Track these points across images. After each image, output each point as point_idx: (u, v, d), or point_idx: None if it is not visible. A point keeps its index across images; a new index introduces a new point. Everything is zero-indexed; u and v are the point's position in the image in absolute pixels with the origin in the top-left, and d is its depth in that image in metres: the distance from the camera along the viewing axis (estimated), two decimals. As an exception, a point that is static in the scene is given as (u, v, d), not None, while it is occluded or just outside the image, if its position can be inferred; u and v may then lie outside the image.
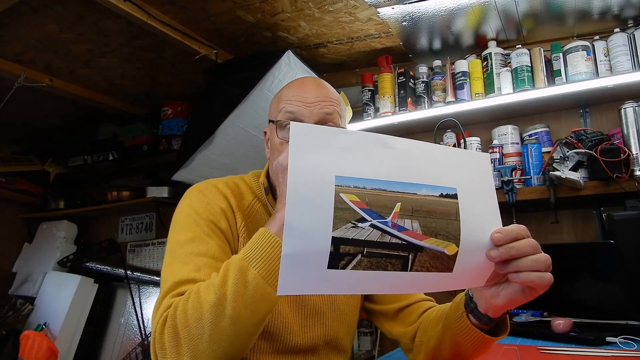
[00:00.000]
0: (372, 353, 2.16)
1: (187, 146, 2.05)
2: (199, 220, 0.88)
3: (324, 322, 0.97)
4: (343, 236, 0.55)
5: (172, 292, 0.77)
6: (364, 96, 2.16)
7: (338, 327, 1.00)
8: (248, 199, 0.97)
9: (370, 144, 0.59)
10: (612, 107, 1.82)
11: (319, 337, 0.96)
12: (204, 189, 0.95)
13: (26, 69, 2.08)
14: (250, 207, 0.96)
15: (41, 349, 2.26)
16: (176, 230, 0.89)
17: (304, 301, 0.96)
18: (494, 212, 0.65)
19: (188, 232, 0.86)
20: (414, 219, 0.59)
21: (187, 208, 0.92)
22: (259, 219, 0.95)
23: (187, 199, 0.94)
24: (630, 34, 1.74)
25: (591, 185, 1.69)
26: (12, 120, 2.70)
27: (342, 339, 1.02)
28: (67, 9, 1.69)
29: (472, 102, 1.95)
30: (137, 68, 2.24)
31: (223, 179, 0.99)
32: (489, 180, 0.67)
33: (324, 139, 0.57)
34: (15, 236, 3.02)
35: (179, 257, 0.83)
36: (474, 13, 1.79)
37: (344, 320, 1.01)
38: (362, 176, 0.57)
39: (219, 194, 0.93)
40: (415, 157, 0.61)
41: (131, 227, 3.00)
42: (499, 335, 0.80)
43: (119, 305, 2.74)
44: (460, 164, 0.65)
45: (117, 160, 2.75)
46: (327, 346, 0.98)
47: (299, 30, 1.96)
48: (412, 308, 1.03)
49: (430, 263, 0.59)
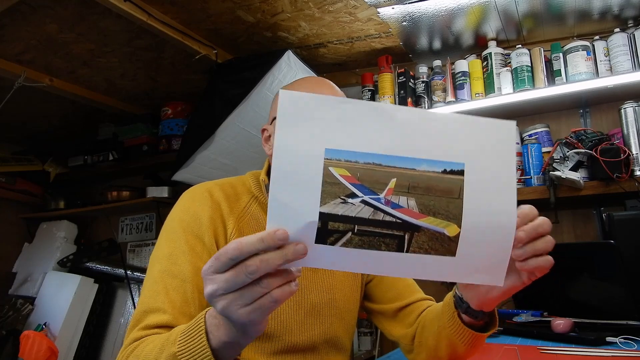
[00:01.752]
0: (372, 353, 2.16)
1: (187, 146, 2.05)
2: (180, 234, 0.87)
3: (323, 321, 0.97)
4: (331, 212, 0.52)
5: (139, 325, 0.77)
6: (364, 96, 2.16)
7: (337, 326, 1.00)
8: (244, 200, 0.96)
9: (367, 114, 0.54)
10: (612, 107, 1.82)
11: (318, 336, 0.96)
12: (195, 196, 0.93)
13: (26, 69, 2.08)
14: (245, 209, 0.95)
15: (41, 349, 2.26)
16: (160, 242, 0.89)
17: (303, 300, 0.95)
18: (509, 191, 0.57)
19: (167, 248, 0.86)
20: (410, 196, 0.54)
21: (173, 220, 0.91)
22: (255, 220, 0.95)
23: (178, 206, 0.93)
24: (630, 34, 1.74)
25: (591, 185, 1.69)
26: (12, 120, 2.70)
27: (342, 337, 1.01)
28: (67, 9, 1.69)
29: (472, 102, 1.95)
30: (137, 68, 2.24)
31: (219, 182, 0.97)
32: (508, 155, 0.58)
33: (315, 109, 0.53)
34: (15, 236, 3.02)
35: (154, 275, 0.84)
36: (474, 13, 1.79)
37: (343, 318, 1.01)
38: (355, 149, 0.53)
39: (210, 202, 0.91)
40: (419, 129, 0.55)
41: (131, 227, 3.00)
42: (490, 329, 0.79)
43: (119, 305, 2.74)
44: (476, 134, 0.57)
45: (117, 160, 2.75)
46: (326, 344, 0.98)
47: (299, 30, 1.96)
48: (411, 308, 1.03)
49: (429, 245, 0.55)
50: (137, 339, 0.74)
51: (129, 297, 2.63)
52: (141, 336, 0.74)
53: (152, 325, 0.76)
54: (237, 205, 0.94)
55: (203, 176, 2.05)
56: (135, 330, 0.77)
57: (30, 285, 2.76)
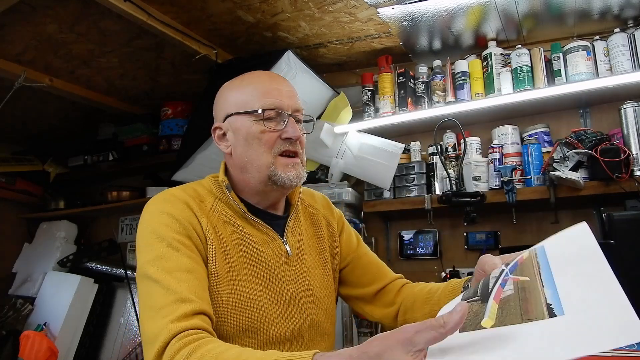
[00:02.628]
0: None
1: (187, 146, 2.05)
2: (164, 234, 0.87)
3: (303, 308, 0.99)
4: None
5: (175, 315, 0.75)
6: (364, 96, 2.16)
7: (317, 312, 1.02)
8: (208, 200, 0.97)
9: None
10: (612, 107, 1.82)
11: (300, 323, 0.98)
12: (163, 201, 0.94)
13: (26, 69, 2.08)
14: (212, 209, 0.96)
15: (41, 349, 2.26)
16: (142, 249, 0.88)
17: (281, 290, 0.97)
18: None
19: (153, 251, 0.86)
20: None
21: (149, 225, 0.90)
22: (224, 217, 0.96)
23: (149, 213, 0.93)
24: (630, 34, 1.74)
25: (591, 185, 1.69)
26: (12, 120, 2.70)
27: (323, 323, 1.04)
28: (67, 9, 1.69)
29: (472, 102, 1.95)
30: (137, 68, 2.23)
31: (180, 187, 0.99)
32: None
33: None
34: (15, 236, 3.02)
35: (154, 276, 0.82)
36: (474, 13, 1.79)
37: (321, 304, 1.03)
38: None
39: (180, 203, 0.93)
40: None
41: (131, 227, 3.00)
42: None
43: (119, 305, 2.74)
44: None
45: (117, 160, 2.76)
46: (309, 331, 1.00)
47: (299, 30, 1.96)
48: (387, 288, 1.11)
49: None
50: (181, 330, 0.74)
51: (129, 297, 2.63)
52: (185, 327, 0.74)
53: (189, 314, 0.76)
54: (204, 206, 0.96)
55: (203, 176, 2.04)
56: (174, 322, 0.75)
57: (30, 285, 2.77)
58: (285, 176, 0.95)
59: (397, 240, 2.25)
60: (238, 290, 0.92)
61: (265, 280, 0.96)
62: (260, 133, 0.95)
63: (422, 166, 2.07)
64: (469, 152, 1.99)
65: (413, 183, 2.06)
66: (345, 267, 1.15)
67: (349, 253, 1.15)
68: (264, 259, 0.97)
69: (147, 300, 0.82)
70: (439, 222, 2.18)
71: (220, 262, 0.91)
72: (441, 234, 2.19)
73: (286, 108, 0.97)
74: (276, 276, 0.97)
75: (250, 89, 0.99)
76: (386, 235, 2.31)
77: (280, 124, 0.96)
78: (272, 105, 0.96)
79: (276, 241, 1.00)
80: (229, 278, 0.92)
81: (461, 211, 1.89)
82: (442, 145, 2.08)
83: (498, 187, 1.87)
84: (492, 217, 2.06)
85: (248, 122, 0.96)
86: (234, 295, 0.91)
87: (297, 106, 0.99)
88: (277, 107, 0.96)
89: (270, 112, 0.96)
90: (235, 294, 0.91)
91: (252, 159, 0.97)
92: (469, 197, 1.85)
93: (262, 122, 0.95)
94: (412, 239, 2.23)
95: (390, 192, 2.10)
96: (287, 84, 1.02)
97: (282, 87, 0.99)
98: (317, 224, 1.12)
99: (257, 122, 0.96)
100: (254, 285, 0.94)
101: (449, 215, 2.14)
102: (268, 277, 0.96)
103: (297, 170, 0.97)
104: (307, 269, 1.04)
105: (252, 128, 0.96)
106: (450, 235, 2.17)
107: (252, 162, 0.97)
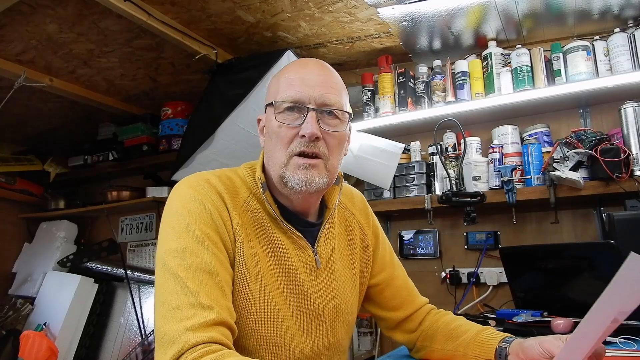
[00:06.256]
0: (372, 353, 2.16)
1: (187, 146, 2.05)
2: (191, 223, 0.80)
3: (326, 324, 0.94)
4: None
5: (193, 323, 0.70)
6: (364, 96, 2.16)
7: (339, 328, 0.97)
8: (243, 195, 0.89)
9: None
10: (612, 107, 1.82)
11: (322, 341, 0.93)
12: (195, 185, 0.85)
13: (26, 69, 2.08)
14: (245, 205, 0.88)
15: (41, 349, 2.26)
16: (167, 235, 0.81)
17: (305, 303, 0.91)
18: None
19: (179, 240, 0.79)
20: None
21: (178, 210, 0.82)
22: (256, 218, 0.88)
23: (178, 196, 0.85)
24: (630, 34, 1.74)
25: (591, 185, 1.69)
26: (12, 120, 2.70)
27: (343, 340, 1.00)
28: (67, 9, 1.69)
29: (472, 102, 1.95)
30: (137, 68, 2.24)
31: (216, 173, 0.90)
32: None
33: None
34: (15, 236, 3.02)
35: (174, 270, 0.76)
36: (474, 13, 1.79)
37: (344, 320, 0.99)
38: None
39: (213, 192, 0.85)
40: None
41: (131, 227, 3.00)
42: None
43: (119, 305, 2.74)
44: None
45: (117, 160, 2.76)
46: (329, 349, 0.96)
47: (299, 30, 1.96)
48: (413, 317, 1.08)
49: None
50: (199, 342, 0.68)
51: (129, 297, 2.63)
52: (204, 340, 0.69)
53: (208, 323, 0.71)
54: (237, 200, 0.88)
55: (203, 176, 2.05)
56: (193, 331, 0.69)
57: (30, 285, 2.77)
58: (292, 179, 0.85)
59: (397, 240, 2.26)
60: (267, 300, 0.84)
61: (290, 292, 0.89)
62: (277, 128, 0.86)
63: (422, 166, 2.07)
64: (469, 152, 1.99)
65: (413, 183, 2.07)
66: (375, 286, 1.08)
67: (380, 271, 1.08)
68: (291, 269, 0.89)
69: (164, 293, 0.75)
70: (439, 222, 2.18)
71: (250, 267, 0.84)
72: (441, 233, 2.19)
73: (307, 101, 0.85)
74: (303, 288, 0.90)
75: (282, 78, 0.90)
76: (386, 235, 2.31)
77: (299, 119, 0.85)
78: (289, 97, 0.85)
79: (305, 251, 0.92)
80: (258, 286, 0.84)
81: (461, 211, 1.89)
82: (442, 145, 2.08)
83: (498, 187, 1.87)
84: (492, 217, 2.06)
85: (270, 115, 0.88)
86: (263, 305, 0.84)
87: (325, 99, 0.86)
88: (295, 99, 0.85)
89: (285, 104, 0.85)
90: (263, 303, 0.84)
91: (271, 155, 0.89)
92: (469, 197, 1.85)
93: (280, 116, 0.86)
94: (412, 239, 2.23)
95: (390, 192, 2.10)
96: (319, 72, 0.89)
97: (310, 77, 0.87)
98: (350, 231, 1.04)
99: (276, 115, 0.86)
100: (279, 296, 0.87)
101: (449, 215, 2.14)
102: (294, 289, 0.89)
103: (309, 174, 0.84)
104: (335, 281, 0.97)
105: (272, 122, 0.87)
106: (450, 235, 2.17)
107: (272, 160, 0.88)
